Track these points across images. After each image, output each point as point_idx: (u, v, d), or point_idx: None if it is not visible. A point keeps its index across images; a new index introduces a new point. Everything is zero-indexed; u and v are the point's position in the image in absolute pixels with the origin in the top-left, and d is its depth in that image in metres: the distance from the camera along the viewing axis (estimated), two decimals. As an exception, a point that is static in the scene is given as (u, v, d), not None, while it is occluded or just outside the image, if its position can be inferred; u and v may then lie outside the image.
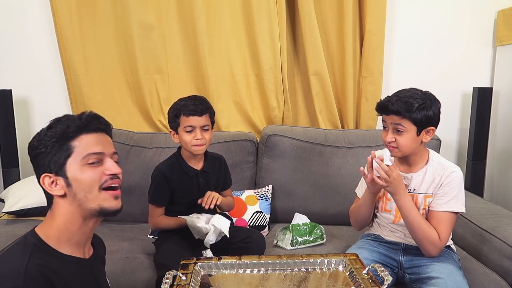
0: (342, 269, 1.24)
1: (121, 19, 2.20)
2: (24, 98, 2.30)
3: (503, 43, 2.23)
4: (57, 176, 0.96)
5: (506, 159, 2.23)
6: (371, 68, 2.26)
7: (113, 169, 0.99)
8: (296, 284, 1.17)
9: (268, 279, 1.21)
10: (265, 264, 1.25)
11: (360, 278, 1.14)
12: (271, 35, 2.20)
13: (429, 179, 1.44)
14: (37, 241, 0.94)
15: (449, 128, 2.41)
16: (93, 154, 0.97)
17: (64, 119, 0.99)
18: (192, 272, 1.19)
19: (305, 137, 2.11)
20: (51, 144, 0.95)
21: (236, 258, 1.26)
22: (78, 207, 0.96)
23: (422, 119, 1.36)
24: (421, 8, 2.31)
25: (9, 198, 1.91)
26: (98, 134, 1.00)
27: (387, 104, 1.39)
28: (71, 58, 2.19)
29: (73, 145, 0.96)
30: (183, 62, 2.28)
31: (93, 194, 0.96)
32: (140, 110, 2.32)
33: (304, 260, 1.26)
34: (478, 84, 2.28)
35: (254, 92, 2.32)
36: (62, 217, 0.97)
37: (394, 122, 1.38)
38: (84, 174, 0.96)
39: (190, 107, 1.54)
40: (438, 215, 1.40)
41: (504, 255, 1.53)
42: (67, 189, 0.95)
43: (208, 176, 1.66)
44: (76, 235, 0.98)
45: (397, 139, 1.39)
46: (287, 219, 1.98)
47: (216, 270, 1.24)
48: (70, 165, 0.95)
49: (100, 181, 0.97)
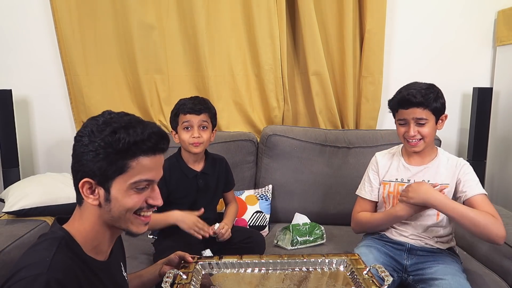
0: (343, 269, 1.24)
1: (121, 19, 2.19)
2: (24, 98, 2.30)
3: (503, 43, 2.23)
4: (99, 186, 0.88)
5: (506, 159, 2.23)
6: (371, 68, 2.26)
7: (157, 201, 0.93)
8: (297, 283, 1.17)
9: (268, 278, 1.22)
10: (265, 264, 1.25)
11: (361, 278, 1.14)
12: (271, 35, 2.20)
13: (443, 170, 1.47)
14: (66, 235, 0.90)
15: (449, 128, 2.40)
16: (145, 181, 0.90)
17: (131, 129, 0.86)
18: (193, 271, 1.19)
19: (305, 137, 2.11)
20: (105, 153, 0.85)
21: (237, 258, 1.27)
22: (108, 220, 0.92)
23: (438, 107, 1.41)
24: (421, 8, 2.31)
25: (9, 198, 1.90)
26: (156, 156, 0.91)
27: (408, 98, 1.39)
28: (71, 58, 2.19)
29: (129, 165, 0.87)
30: (183, 62, 2.27)
31: (127, 217, 0.91)
32: (140, 110, 2.32)
33: (305, 259, 1.27)
34: (478, 84, 2.28)
35: (254, 92, 2.32)
36: (90, 223, 0.92)
37: (416, 116, 1.40)
38: (128, 198, 0.89)
39: (189, 105, 1.56)
40: (476, 200, 1.39)
41: (504, 255, 1.53)
42: (105, 202, 0.89)
43: (207, 178, 1.66)
44: (102, 241, 0.95)
45: (420, 131, 1.41)
46: (287, 219, 1.98)
47: (217, 269, 1.25)
48: (117, 183, 0.87)
49: (138, 207, 0.92)
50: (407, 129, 1.43)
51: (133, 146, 0.86)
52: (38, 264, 0.82)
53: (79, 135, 0.88)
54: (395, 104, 1.45)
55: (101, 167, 0.86)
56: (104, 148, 0.85)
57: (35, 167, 2.38)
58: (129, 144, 0.85)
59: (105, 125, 0.87)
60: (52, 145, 2.35)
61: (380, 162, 1.58)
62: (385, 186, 1.54)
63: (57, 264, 0.82)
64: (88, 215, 0.92)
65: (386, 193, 1.53)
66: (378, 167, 1.57)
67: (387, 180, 1.54)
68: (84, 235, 0.91)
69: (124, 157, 0.86)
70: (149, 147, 0.88)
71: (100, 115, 0.92)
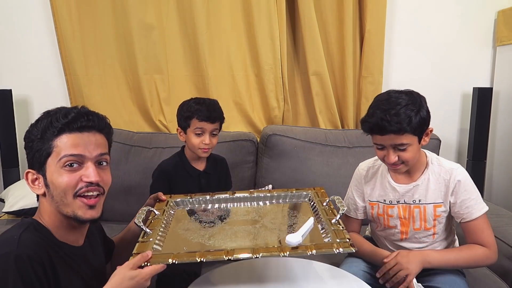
0: (308, 200, 1.33)
1: (121, 19, 2.19)
2: (24, 98, 2.30)
3: (503, 43, 2.23)
4: (38, 174, 0.92)
5: (506, 159, 2.23)
6: (371, 68, 2.25)
7: (91, 177, 0.92)
8: (262, 215, 1.25)
9: (237, 212, 1.30)
10: (235, 199, 1.35)
11: (320, 208, 1.22)
12: (271, 35, 2.20)
13: (434, 186, 1.31)
14: (34, 221, 0.92)
15: (449, 128, 2.41)
16: (70, 156, 0.91)
17: (52, 112, 0.93)
18: (167, 207, 1.27)
19: (305, 137, 2.11)
20: (36, 140, 0.91)
21: (209, 195, 1.37)
22: (57, 207, 0.93)
23: (420, 124, 1.20)
24: (421, 8, 2.31)
25: (9, 198, 1.90)
26: (83, 133, 0.93)
27: (382, 124, 1.18)
28: (71, 58, 2.19)
29: (53, 144, 0.91)
30: (183, 62, 2.27)
31: (68, 200, 0.91)
32: (140, 110, 2.32)
33: (274, 194, 1.36)
34: (478, 84, 2.28)
35: (254, 92, 2.32)
36: (48, 214, 0.94)
37: (393, 143, 1.21)
38: (60, 178, 0.90)
39: (205, 113, 1.54)
40: (473, 225, 1.29)
41: (504, 255, 1.53)
42: (46, 189, 0.92)
43: (210, 177, 1.67)
44: (69, 228, 0.96)
45: (401, 156, 1.23)
46: (287, 219, 1.98)
47: (190, 205, 1.34)
48: (49, 165, 0.91)
49: (75, 188, 0.91)
50: (386, 154, 1.24)
51: (51, 125, 0.91)
52: (5, 243, 0.83)
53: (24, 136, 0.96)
54: (367, 130, 1.24)
55: (34, 154, 0.92)
56: (32, 137, 0.92)
57: (35, 167, 2.38)
58: (47, 125, 0.91)
59: (35, 120, 0.95)
60: (52, 145, 2.34)
61: (363, 180, 1.43)
62: (373, 207, 1.40)
63: (26, 241, 0.84)
64: (44, 207, 0.95)
65: (375, 214, 1.40)
66: (363, 186, 1.43)
67: (374, 200, 1.40)
68: (50, 224, 0.94)
69: (48, 139, 0.91)
70: (69, 123, 0.92)
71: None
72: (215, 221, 1.24)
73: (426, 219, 1.33)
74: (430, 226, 1.34)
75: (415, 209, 1.34)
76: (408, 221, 1.35)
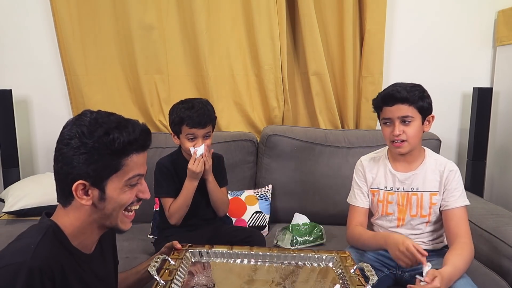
0: (332, 265, 1.23)
1: (121, 19, 2.20)
2: (24, 98, 2.31)
3: (503, 43, 2.23)
4: (93, 187, 0.88)
5: (506, 159, 2.23)
6: (371, 68, 2.25)
7: (146, 194, 0.96)
8: (283, 277, 1.17)
9: (257, 270, 1.22)
10: (255, 256, 1.26)
11: (348, 276, 1.14)
12: (271, 35, 2.20)
13: (431, 176, 1.42)
14: (53, 225, 0.90)
15: (449, 128, 2.41)
16: (138, 176, 0.92)
17: (123, 128, 0.88)
18: (183, 258, 1.19)
19: (305, 137, 2.11)
20: (100, 154, 0.86)
21: (228, 248, 1.27)
22: (98, 218, 0.92)
23: (425, 106, 1.37)
24: (421, 8, 2.31)
25: (9, 198, 1.91)
26: (145, 152, 0.94)
27: (393, 93, 1.36)
28: (71, 58, 2.19)
29: (123, 163, 0.89)
30: (183, 62, 2.28)
31: (117, 213, 0.93)
32: (140, 110, 2.32)
33: (294, 254, 1.27)
34: (478, 84, 2.28)
35: (254, 92, 2.32)
36: (78, 220, 0.92)
37: (400, 114, 1.35)
38: (123, 195, 0.91)
39: (195, 119, 1.51)
40: (455, 213, 1.37)
41: (504, 255, 1.53)
42: (99, 202, 0.90)
43: None
44: (88, 237, 0.96)
45: (405, 131, 1.36)
46: (287, 219, 1.98)
47: (207, 258, 1.25)
48: (112, 181, 0.89)
49: (131, 203, 0.94)
50: (392, 128, 1.37)
51: (128, 145, 0.88)
52: (22, 251, 0.82)
53: (67, 139, 0.88)
54: (379, 102, 1.40)
55: (96, 168, 0.86)
56: (98, 150, 0.86)
57: (35, 167, 2.38)
58: (124, 143, 0.87)
59: (93, 126, 0.88)
60: (52, 145, 2.28)
61: (366, 168, 1.51)
62: (374, 194, 1.49)
63: (41, 252, 0.83)
64: (77, 214, 0.92)
65: (376, 201, 1.48)
66: (365, 173, 1.51)
67: (375, 187, 1.49)
68: (71, 229, 0.92)
69: (119, 157, 0.88)
70: (140, 145, 0.91)
71: (82, 115, 0.93)
72: (232, 278, 1.18)
73: (423, 206, 1.42)
74: (426, 213, 1.43)
75: (412, 196, 1.43)
76: (406, 208, 1.44)
